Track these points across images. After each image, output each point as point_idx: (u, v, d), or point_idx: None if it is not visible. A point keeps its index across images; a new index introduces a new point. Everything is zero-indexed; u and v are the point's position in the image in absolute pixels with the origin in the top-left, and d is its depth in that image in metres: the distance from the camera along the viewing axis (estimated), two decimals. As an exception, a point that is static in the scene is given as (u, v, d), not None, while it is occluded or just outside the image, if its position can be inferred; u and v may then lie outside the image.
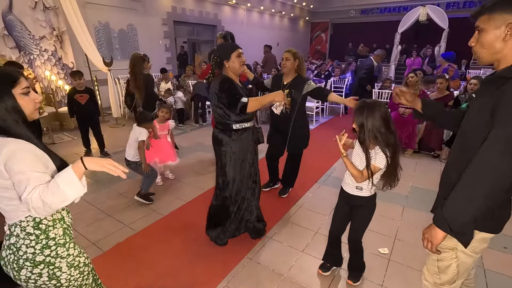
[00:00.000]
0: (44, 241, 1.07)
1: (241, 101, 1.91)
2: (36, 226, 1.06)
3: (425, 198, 3.05)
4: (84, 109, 3.98)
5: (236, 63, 2.01)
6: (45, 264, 1.07)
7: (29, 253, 1.05)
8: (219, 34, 3.57)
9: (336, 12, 15.12)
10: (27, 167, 0.97)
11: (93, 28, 6.84)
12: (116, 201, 2.98)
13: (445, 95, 4.20)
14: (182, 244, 2.32)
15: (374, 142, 1.51)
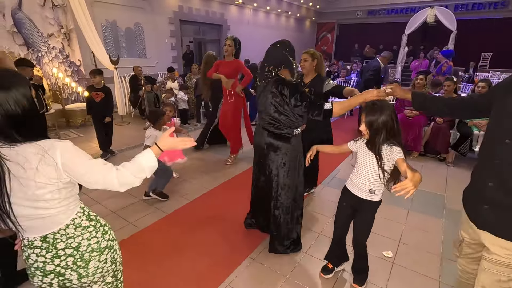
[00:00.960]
0: (101, 228, 1.13)
1: (326, 108, 1.79)
2: (88, 218, 1.11)
3: (430, 202, 3.02)
4: (98, 107, 3.98)
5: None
6: (108, 248, 1.13)
7: (93, 243, 1.09)
8: (229, 36, 3.60)
9: (343, 12, 15.04)
10: (87, 159, 1.04)
11: (100, 26, 6.89)
12: (120, 199, 3.00)
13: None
14: (186, 243, 2.32)
15: (385, 141, 1.50)
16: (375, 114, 1.47)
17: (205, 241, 2.35)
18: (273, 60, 1.92)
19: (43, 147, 0.95)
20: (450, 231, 2.52)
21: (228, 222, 2.61)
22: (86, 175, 1.01)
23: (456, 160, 4.03)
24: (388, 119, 1.46)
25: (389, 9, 13.80)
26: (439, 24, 10.65)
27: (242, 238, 2.39)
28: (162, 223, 2.60)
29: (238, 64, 3.72)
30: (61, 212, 1.02)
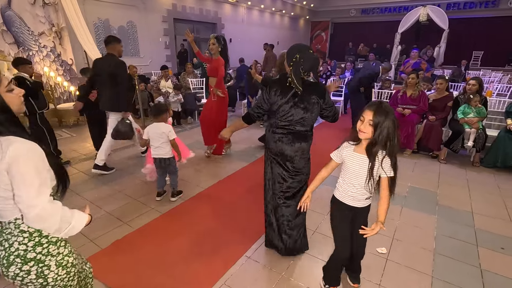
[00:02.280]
0: (37, 238, 1.09)
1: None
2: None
3: (424, 199, 3.06)
4: (94, 107, 3.85)
5: None
6: (35, 261, 1.08)
7: (21, 250, 1.06)
8: (212, 35, 3.65)
9: (337, 11, 15.10)
10: (33, 172, 1.01)
11: (92, 24, 6.81)
12: (114, 199, 2.97)
13: (444, 95, 4.20)
14: (181, 242, 2.32)
15: (383, 147, 1.43)
16: (382, 114, 1.38)
17: (200, 240, 2.34)
18: (309, 65, 1.84)
19: (1, 142, 0.99)
20: (442, 227, 2.55)
21: (223, 221, 2.61)
22: (17, 186, 1.01)
23: (448, 157, 4.08)
24: (392, 122, 1.39)
25: (382, 8, 13.91)
26: (431, 23, 10.76)
27: (237, 237, 2.39)
28: (157, 223, 2.59)
29: (217, 62, 3.74)
30: (8, 210, 1.05)
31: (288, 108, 1.86)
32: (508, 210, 2.84)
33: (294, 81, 1.80)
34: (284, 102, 1.86)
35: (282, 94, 1.87)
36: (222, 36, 3.81)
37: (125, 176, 3.50)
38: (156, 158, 2.83)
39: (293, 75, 1.81)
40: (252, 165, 3.92)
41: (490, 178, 3.59)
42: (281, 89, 1.88)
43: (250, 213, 2.74)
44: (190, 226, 2.53)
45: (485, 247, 2.31)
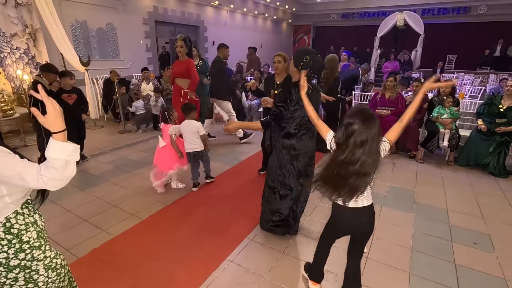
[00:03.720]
0: (18, 245, 1.06)
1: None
2: (7, 231, 1.04)
3: (402, 198, 3.15)
4: (71, 109, 3.79)
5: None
6: (20, 268, 1.06)
7: (1, 258, 1.03)
8: (179, 36, 3.62)
9: (318, 15, 15.39)
10: (7, 163, 0.97)
11: (69, 26, 6.60)
12: (92, 205, 2.88)
13: (420, 97, 4.36)
14: (162, 248, 2.27)
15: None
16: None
17: (182, 246, 2.30)
18: (317, 67, 1.94)
19: None
20: (420, 225, 2.64)
21: (205, 226, 2.58)
22: (4, 169, 0.96)
23: (425, 157, 4.24)
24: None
25: (362, 13, 14.29)
26: (408, 28, 11.17)
27: (219, 241, 2.37)
28: (137, 229, 2.53)
29: (189, 63, 3.77)
30: None
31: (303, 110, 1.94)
32: (480, 207, 2.98)
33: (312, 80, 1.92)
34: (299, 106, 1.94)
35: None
36: (189, 37, 3.83)
37: (102, 182, 3.40)
38: (190, 152, 3.12)
39: (312, 76, 1.92)
40: (235, 168, 3.91)
41: (464, 176, 3.75)
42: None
43: (230, 217, 2.73)
44: (171, 232, 2.49)
45: (459, 242, 2.40)
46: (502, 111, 3.71)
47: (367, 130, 1.32)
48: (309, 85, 1.88)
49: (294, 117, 2.00)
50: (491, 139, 3.77)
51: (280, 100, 2.01)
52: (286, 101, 1.96)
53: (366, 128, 1.32)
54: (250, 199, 3.06)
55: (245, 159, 4.24)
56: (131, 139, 5.07)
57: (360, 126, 1.32)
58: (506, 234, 2.54)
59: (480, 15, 11.88)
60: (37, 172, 0.97)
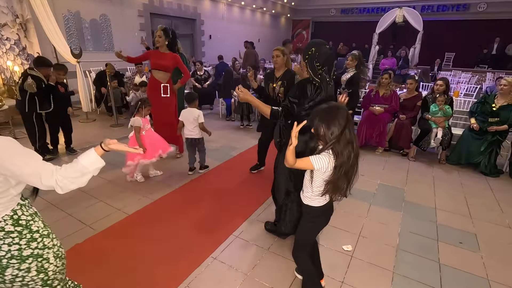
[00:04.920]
0: (29, 235, 1.08)
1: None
2: (16, 223, 1.05)
3: (392, 196, 3.14)
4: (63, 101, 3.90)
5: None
6: (33, 257, 1.08)
7: (14, 250, 1.04)
8: (159, 26, 3.44)
9: (317, 10, 15.25)
10: (26, 157, 1.00)
11: (62, 17, 6.49)
12: (78, 200, 2.85)
13: (414, 95, 4.33)
14: (146, 245, 2.25)
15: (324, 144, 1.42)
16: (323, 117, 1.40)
17: (166, 242, 2.28)
18: (323, 59, 1.85)
19: None
20: (407, 223, 2.63)
21: (191, 222, 2.56)
22: (20, 167, 0.98)
23: (417, 155, 4.23)
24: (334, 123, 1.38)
25: (361, 8, 14.17)
26: (407, 24, 11.08)
27: (204, 238, 2.35)
28: (122, 224, 2.50)
29: (176, 58, 3.57)
30: None
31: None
32: (468, 207, 2.97)
33: (310, 73, 1.81)
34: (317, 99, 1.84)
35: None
36: (172, 29, 3.63)
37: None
38: (188, 138, 3.35)
39: (308, 68, 1.81)
40: (226, 164, 3.88)
41: (455, 175, 3.74)
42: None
43: (217, 214, 2.71)
44: (157, 227, 2.46)
45: (445, 241, 2.40)
46: (495, 110, 3.69)
47: (342, 122, 1.35)
48: (317, 79, 1.80)
49: (310, 113, 1.90)
50: (483, 138, 3.76)
51: (293, 95, 1.86)
52: (300, 98, 1.84)
53: (341, 121, 1.35)
54: (238, 196, 3.04)
55: (237, 155, 4.22)
56: (123, 132, 5.01)
57: (337, 123, 1.35)
58: (492, 234, 2.54)
59: (479, 13, 11.80)
60: (51, 172, 1.02)
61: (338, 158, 1.37)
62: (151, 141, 3.18)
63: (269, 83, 3.15)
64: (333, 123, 1.35)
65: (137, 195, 2.98)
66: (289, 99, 1.86)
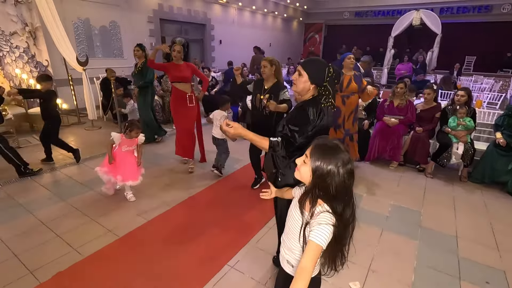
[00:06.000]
0: None
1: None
2: None
3: (406, 220, 2.85)
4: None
5: None
6: None
7: None
8: (178, 41, 3.51)
9: (330, 13, 14.94)
10: None
11: (72, 24, 6.52)
12: (70, 218, 2.71)
13: (432, 106, 4.01)
14: (132, 276, 2.07)
15: (320, 199, 1.06)
16: (324, 156, 1.03)
17: (154, 273, 2.10)
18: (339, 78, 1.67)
19: None
20: (424, 255, 2.34)
21: (184, 247, 2.37)
22: None
23: (435, 171, 3.89)
24: (338, 170, 1.01)
25: (376, 11, 13.77)
26: (424, 27, 10.63)
27: (197, 267, 2.16)
28: (112, 248, 2.34)
29: (192, 67, 3.71)
30: None
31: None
32: (494, 234, 2.65)
33: (329, 98, 1.57)
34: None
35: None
36: (187, 43, 3.71)
37: (86, 192, 3.23)
38: (213, 136, 3.60)
39: (330, 90, 1.57)
40: (227, 178, 3.69)
41: (478, 195, 3.40)
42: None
43: (213, 237, 2.51)
44: (144, 255, 2.28)
45: (469, 280, 2.10)
46: (524, 124, 3.33)
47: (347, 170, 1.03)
48: (330, 102, 1.58)
49: (312, 141, 1.64)
50: (511, 154, 3.40)
51: (293, 122, 1.60)
52: (302, 125, 1.57)
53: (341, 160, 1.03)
54: (237, 218, 2.83)
55: (240, 168, 4.02)
56: (126, 142, 4.92)
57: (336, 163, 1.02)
58: (525, 271, 2.22)
59: (502, 14, 11.19)
60: None
61: (340, 222, 1.03)
62: (121, 163, 2.96)
63: (257, 93, 2.99)
64: (334, 171, 1.01)
65: (131, 213, 2.83)
66: (289, 127, 1.60)
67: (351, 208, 1.06)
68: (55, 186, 3.34)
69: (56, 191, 3.23)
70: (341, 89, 3.47)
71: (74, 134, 5.30)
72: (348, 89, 3.50)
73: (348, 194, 1.05)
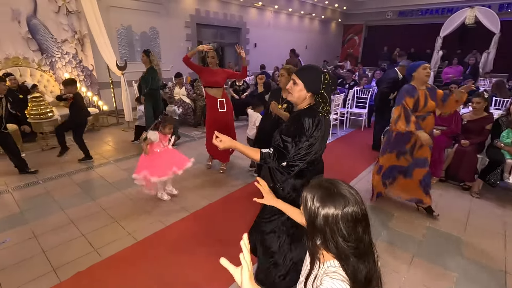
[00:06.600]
0: None
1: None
2: None
3: (444, 246, 2.52)
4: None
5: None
6: None
7: None
8: (212, 45, 3.52)
9: (371, 14, 14.22)
10: None
11: (116, 31, 6.97)
12: (95, 218, 2.84)
13: (482, 116, 3.55)
14: (148, 278, 2.09)
15: (327, 252, 0.85)
16: (325, 201, 0.83)
17: (173, 278, 2.09)
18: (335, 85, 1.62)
19: None
20: (462, 291, 2.05)
21: (197, 258, 2.34)
22: None
23: (483, 190, 3.43)
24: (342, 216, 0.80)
25: (423, 10, 12.79)
26: (479, 26, 9.60)
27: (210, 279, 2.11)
28: (129, 252, 2.39)
29: (227, 72, 3.77)
30: None
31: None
32: (555, 274, 2.23)
33: (324, 106, 1.52)
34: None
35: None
36: (220, 46, 3.72)
37: (114, 192, 3.37)
38: (247, 137, 3.87)
39: (327, 99, 1.52)
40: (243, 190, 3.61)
41: (536, 222, 2.91)
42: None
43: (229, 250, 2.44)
44: (158, 262, 2.30)
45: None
46: None
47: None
48: (326, 110, 1.52)
49: (310, 153, 1.53)
50: None
51: (287, 133, 1.53)
52: (296, 135, 1.50)
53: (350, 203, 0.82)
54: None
55: (264, 175, 3.92)
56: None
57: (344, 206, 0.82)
58: None
59: None
60: None
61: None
62: (165, 159, 3.06)
63: (271, 100, 2.88)
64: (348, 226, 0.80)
65: (151, 217, 2.88)
66: (281, 137, 1.52)
67: (370, 269, 0.81)
68: (87, 185, 3.55)
69: (88, 190, 3.42)
70: (416, 108, 2.71)
71: (111, 134, 5.63)
72: (426, 108, 2.72)
73: (360, 250, 0.80)
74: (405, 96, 2.70)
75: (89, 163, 4.15)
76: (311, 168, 1.63)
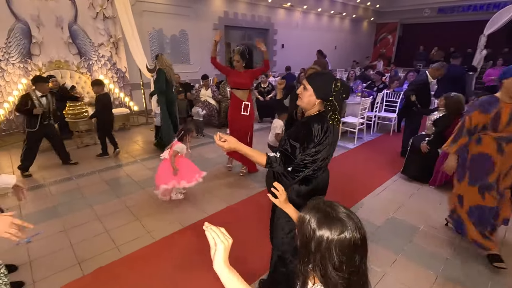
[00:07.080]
0: None
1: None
2: None
3: (469, 266, 2.33)
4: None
5: None
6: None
7: None
8: (237, 50, 3.48)
9: (407, 11, 13.52)
10: None
11: (148, 34, 7.29)
12: (118, 216, 2.99)
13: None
14: (160, 279, 2.16)
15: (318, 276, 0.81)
16: (322, 225, 0.80)
17: (183, 282, 2.15)
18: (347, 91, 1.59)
19: None
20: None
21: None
22: None
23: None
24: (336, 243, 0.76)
25: (465, 6, 11.93)
26: (531, 23, 8.74)
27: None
28: (146, 251, 2.49)
29: (252, 72, 3.70)
30: None
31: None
32: None
33: (336, 114, 1.52)
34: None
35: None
36: (245, 50, 3.63)
37: (138, 190, 3.53)
38: (268, 143, 3.74)
39: (336, 105, 1.51)
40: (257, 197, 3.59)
41: None
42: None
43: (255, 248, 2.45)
44: (184, 258, 2.36)
45: None
46: None
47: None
48: (335, 118, 1.51)
49: (316, 159, 1.54)
50: None
51: (295, 137, 1.53)
52: (304, 141, 1.50)
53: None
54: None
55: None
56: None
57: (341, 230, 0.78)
58: None
59: None
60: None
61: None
62: (188, 166, 3.15)
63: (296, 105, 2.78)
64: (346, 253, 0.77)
65: (170, 217, 2.98)
66: (289, 141, 1.50)
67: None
68: (115, 183, 3.75)
69: (115, 187, 3.61)
70: (496, 127, 2.09)
71: (140, 134, 5.90)
72: (511, 127, 2.07)
73: (352, 281, 0.76)
74: (475, 110, 2.17)
75: (118, 162, 4.38)
76: (317, 175, 1.61)
